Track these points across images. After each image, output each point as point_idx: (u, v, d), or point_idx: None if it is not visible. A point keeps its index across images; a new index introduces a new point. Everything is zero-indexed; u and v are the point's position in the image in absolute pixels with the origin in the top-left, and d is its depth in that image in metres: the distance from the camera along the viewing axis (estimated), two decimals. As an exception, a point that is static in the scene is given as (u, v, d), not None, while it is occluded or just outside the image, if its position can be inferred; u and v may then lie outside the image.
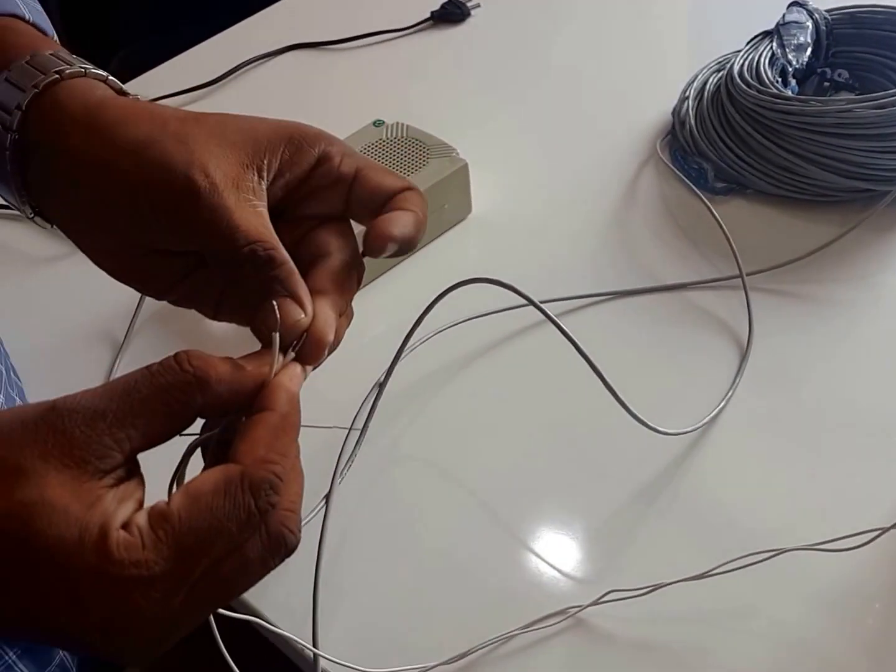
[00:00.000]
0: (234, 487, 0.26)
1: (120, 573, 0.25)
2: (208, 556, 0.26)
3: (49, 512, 0.25)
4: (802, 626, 0.43)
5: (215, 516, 0.26)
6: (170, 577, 0.26)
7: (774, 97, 0.63)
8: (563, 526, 0.49)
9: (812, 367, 0.54)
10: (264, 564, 0.27)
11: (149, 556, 0.25)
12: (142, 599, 0.25)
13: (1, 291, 0.65)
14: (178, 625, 0.27)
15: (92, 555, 0.25)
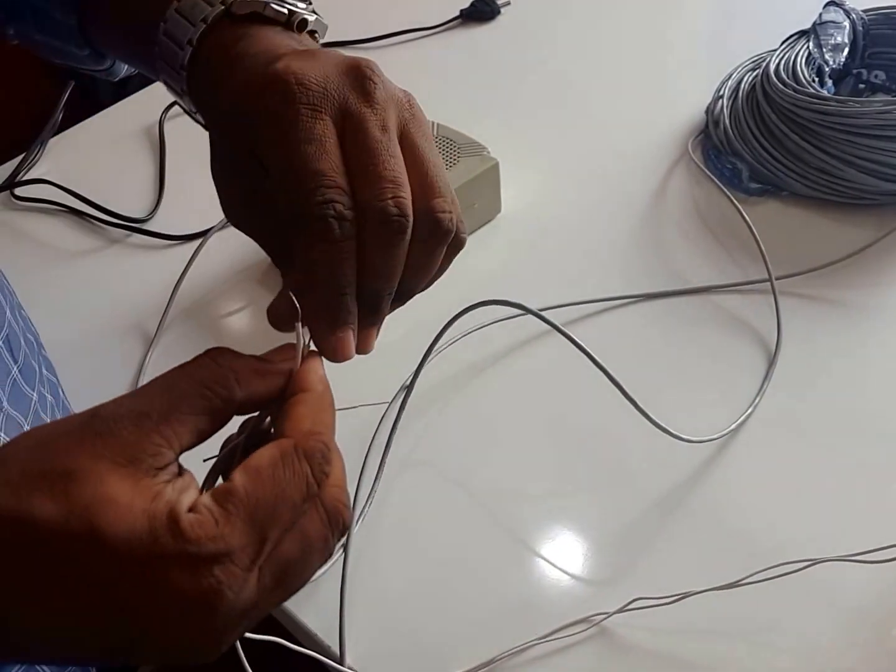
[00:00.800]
0: (291, 458, 0.27)
1: (199, 551, 0.25)
2: (277, 527, 0.26)
3: (113, 508, 0.25)
4: (832, 639, 0.42)
5: (279, 486, 0.26)
6: (248, 550, 0.25)
7: (812, 97, 0.62)
8: (586, 533, 0.48)
9: (843, 375, 0.53)
10: (325, 541, 0.27)
11: (224, 531, 0.25)
12: (223, 575, 0.25)
13: (37, 285, 0.65)
14: (254, 609, 0.26)
15: (167, 539, 0.25)
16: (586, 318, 0.58)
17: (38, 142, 0.76)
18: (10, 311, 0.45)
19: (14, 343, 0.44)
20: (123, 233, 0.69)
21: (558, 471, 0.51)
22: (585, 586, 0.46)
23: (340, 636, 0.44)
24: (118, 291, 0.64)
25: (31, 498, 0.24)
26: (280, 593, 0.27)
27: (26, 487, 0.25)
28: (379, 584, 0.47)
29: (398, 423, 0.51)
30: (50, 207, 0.72)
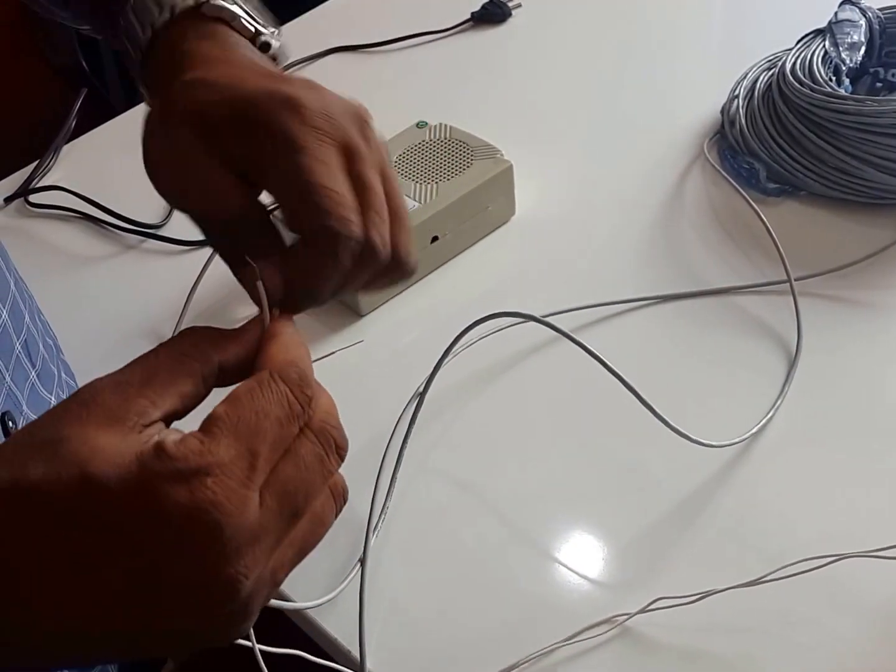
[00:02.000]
0: (267, 381, 0.27)
1: (187, 466, 0.25)
2: (264, 441, 0.26)
3: (101, 455, 0.25)
4: (858, 636, 0.42)
5: (259, 405, 0.27)
6: (238, 463, 0.25)
7: (829, 96, 0.61)
8: (606, 536, 0.48)
9: (864, 376, 0.53)
10: (321, 461, 0.27)
11: (209, 447, 0.25)
12: (217, 487, 0.25)
13: (52, 291, 0.65)
14: (267, 534, 0.26)
15: (154, 463, 0.25)
16: (602, 320, 0.58)
17: (52, 149, 0.76)
18: (28, 316, 0.46)
19: (32, 348, 0.45)
20: (138, 238, 0.69)
21: (577, 476, 0.50)
22: (606, 587, 0.45)
23: (360, 643, 0.44)
24: (133, 297, 0.64)
25: (24, 466, 0.25)
26: (294, 519, 0.27)
27: (19, 458, 0.25)
28: (398, 591, 0.46)
29: (412, 429, 0.50)
30: (64, 214, 0.72)
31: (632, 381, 0.46)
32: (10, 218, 0.72)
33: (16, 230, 0.71)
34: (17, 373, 0.42)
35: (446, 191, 0.62)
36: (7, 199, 0.73)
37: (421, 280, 0.62)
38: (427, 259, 0.62)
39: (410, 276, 0.35)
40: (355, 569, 0.46)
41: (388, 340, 0.59)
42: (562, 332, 0.47)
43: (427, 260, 0.62)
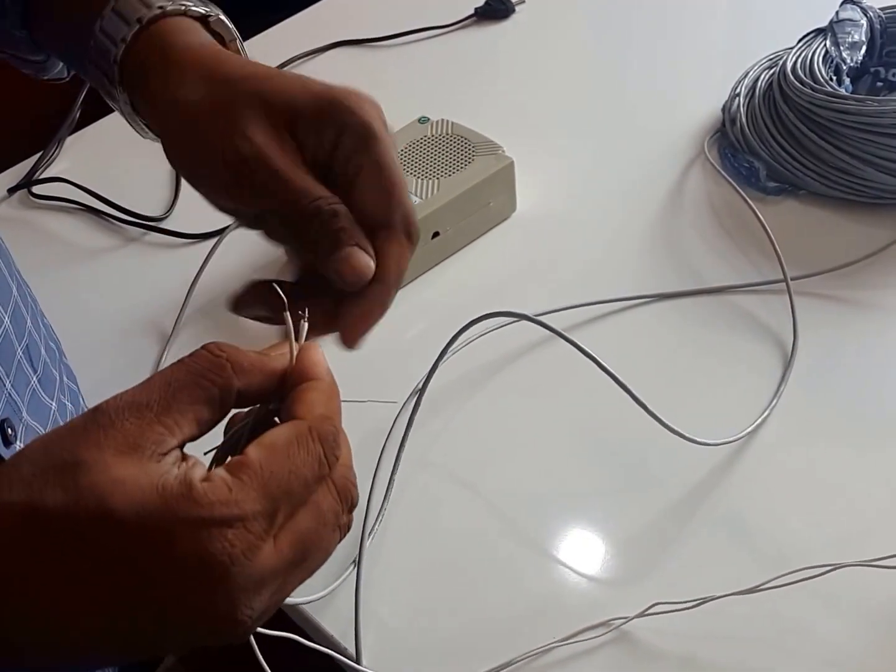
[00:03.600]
0: (306, 438, 0.27)
1: (211, 515, 0.25)
2: (290, 501, 0.26)
3: (121, 487, 0.25)
4: (857, 645, 0.42)
5: (293, 462, 0.27)
6: (261, 519, 0.26)
7: (829, 96, 0.61)
8: (603, 536, 0.48)
9: (860, 375, 0.53)
10: (336, 515, 0.28)
11: (238, 496, 0.25)
12: (237, 540, 0.25)
13: (54, 282, 0.66)
14: (275, 580, 0.26)
15: (179, 506, 0.25)
16: (601, 318, 0.58)
17: (56, 140, 0.76)
18: (30, 320, 0.45)
19: (34, 352, 0.45)
20: (140, 231, 0.69)
21: (575, 475, 0.50)
22: (604, 589, 0.46)
23: (356, 637, 0.44)
24: (135, 290, 0.65)
25: (42, 490, 0.25)
26: (301, 568, 0.27)
27: (37, 482, 0.25)
28: (394, 586, 0.47)
29: (411, 426, 0.50)
30: (67, 206, 0.72)
31: (628, 379, 0.46)
32: (13, 209, 0.73)
33: (19, 221, 0.72)
34: (17, 379, 0.42)
35: (448, 187, 0.62)
36: (10, 189, 0.73)
37: (422, 276, 0.62)
38: (428, 255, 0.62)
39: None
40: (352, 564, 0.47)
41: (389, 336, 0.59)
42: (556, 331, 0.47)
43: (428, 256, 0.62)
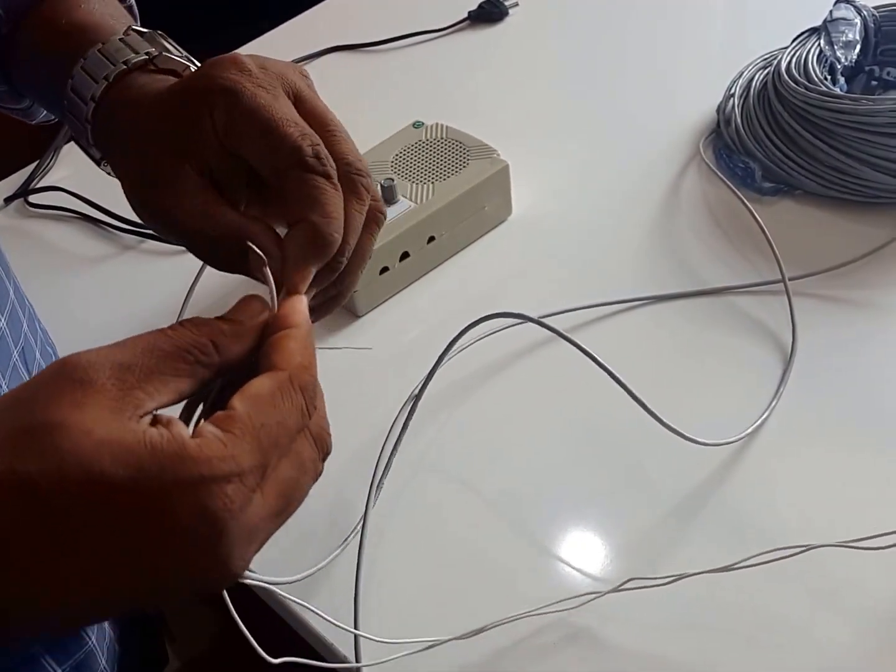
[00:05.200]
0: (288, 388, 0.28)
1: (211, 472, 0.24)
2: (278, 451, 0.27)
3: (108, 448, 0.24)
4: (825, 625, 0.42)
5: (280, 412, 0.27)
6: (255, 471, 0.26)
7: (824, 95, 0.61)
8: (586, 519, 0.48)
9: (860, 375, 0.53)
10: (315, 464, 0.29)
11: (234, 451, 0.25)
12: (235, 495, 0.25)
13: (51, 291, 0.66)
14: (261, 530, 0.26)
15: (176, 465, 0.24)
16: (599, 320, 0.58)
17: (52, 149, 0.76)
18: (26, 324, 0.46)
19: (29, 356, 0.45)
20: (136, 239, 0.69)
21: (573, 474, 0.50)
22: (584, 567, 0.46)
23: (356, 640, 0.44)
24: (132, 297, 0.65)
25: (20, 458, 0.23)
26: (282, 515, 0.28)
27: (11, 448, 0.24)
28: (395, 575, 0.47)
29: (407, 427, 0.50)
30: (63, 214, 0.72)
31: (627, 380, 0.46)
32: (9, 218, 0.73)
33: (15, 230, 0.72)
34: (13, 382, 0.42)
35: (443, 191, 0.62)
36: (7, 199, 0.74)
37: (418, 280, 0.62)
38: (424, 259, 0.62)
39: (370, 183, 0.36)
40: (351, 561, 0.47)
41: (386, 341, 0.59)
42: (557, 331, 0.47)
43: (424, 260, 0.62)
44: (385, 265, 0.60)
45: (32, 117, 0.49)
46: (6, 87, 0.45)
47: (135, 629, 0.50)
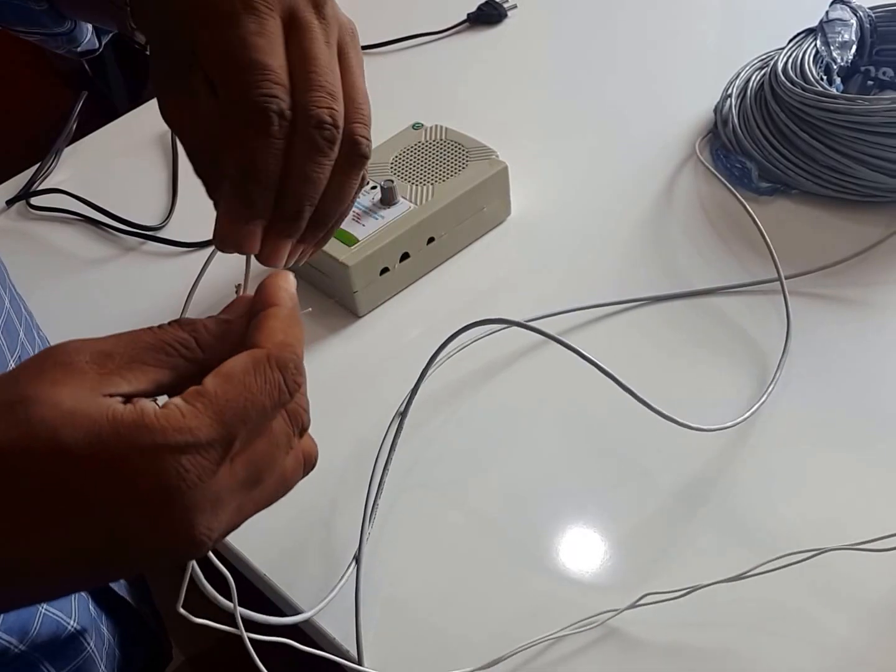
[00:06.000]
0: (264, 366, 0.27)
1: (165, 440, 0.24)
2: (245, 428, 0.26)
3: (72, 419, 0.24)
4: (844, 628, 0.43)
5: (250, 391, 0.27)
6: (216, 445, 0.25)
7: (820, 95, 0.62)
8: (594, 529, 0.48)
9: (854, 373, 0.53)
10: (288, 439, 0.28)
11: (191, 423, 0.25)
12: (191, 466, 0.25)
13: (52, 293, 0.66)
14: (231, 499, 0.26)
15: (131, 432, 0.24)
16: (594, 321, 0.58)
17: (53, 151, 0.77)
18: (23, 333, 0.45)
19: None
20: (138, 241, 0.70)
21: (568, 471, 0.51)
22: (596, 583, 0.46)
23: (358, 642, 0.44)
24: (133, 299, 0.65)
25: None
26: (259, 490, 0.27)
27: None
28: (392, 592, 0.47)
29: (401, 431, 0.51)
30: (65, 216, 0.72)
31: (624, 380, 0.46)
32: (11, 221, 0.73)
33: (17, 233, 0.72)
34: None
35: (442, 192, 0.62)
36: (9, 201, 0.74)
37: (418, 281, 0.63)
38: (424, 260, 0.63)
39: (365, 161, 0.33)
40: (350, 567, 0.47)
41: (387, 341, 0.60)
42: (549, 335, 0.47)
43: (424, 261, 0.63)
44: (385, 266, 0.60)
45: (76, 42, 0.47)
46: (45, 6, 0.43)
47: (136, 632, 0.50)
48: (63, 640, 0.41)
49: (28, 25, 0.45)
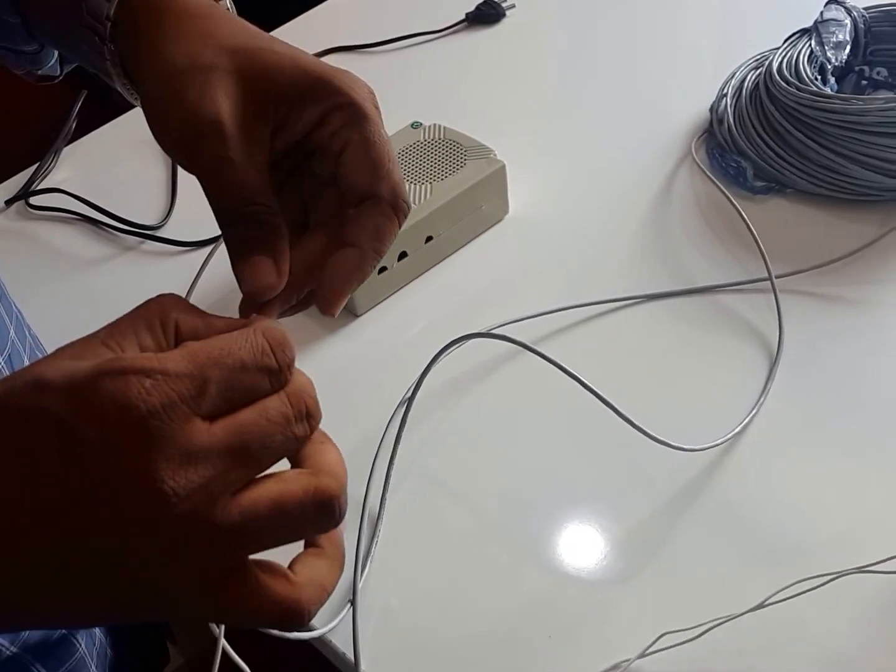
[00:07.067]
0: (248, 331, 0.27)
1: (132, 364, 0.24)
2: (219, 373, 0.25)
3: (56, 363, 0.25)
4: (865, 652, 0.42)
5: (227, 342, 0.26)
6: (183, 378, 0.25)
7: (814, 95, 0.62)
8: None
9: (847, 372, 0.53)
10: (285, 418, 0.26)
11: (161, 356, 0.25)
12: (155, 391, 0.24)
13: (51, 292, 0.67)
14: (207, 460, 0.24)
15: (104, 364, 0.25)
16: (589, 320, 0.59)
17: (52, 151, 0.77)
18: (14, 331, 0.45)
19: (17, 363, 0.44)
20: (137, 240, 0.70)
21: (565, 483, 0.50)
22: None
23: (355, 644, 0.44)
24: (132, 298, 0.64)
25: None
26: (246, 464, 0.25)
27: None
28: (389, 601, 0.46)
29: (402, 434, 0.51)
30: (64, 216, 0.73)
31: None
32: (10, 220, 0.73)
33: (16, 232, 0.72)
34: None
35: (440, 191, 0.63)
36: (8, 201, 0.74)
37: (416, 279, 0.63)
38: (422, 258, 0.63)
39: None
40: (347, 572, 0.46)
41: (385, 339, 0.60)
42: (538, 352, 0.47)
43: (422, 259, 0.63)
44: (383, 265, 0.61)
45: (39, 65, 0.46)
46: (19, 20, 0.42)
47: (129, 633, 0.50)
48: (54, 641, 0.41)
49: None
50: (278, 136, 0.34)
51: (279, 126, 0.34)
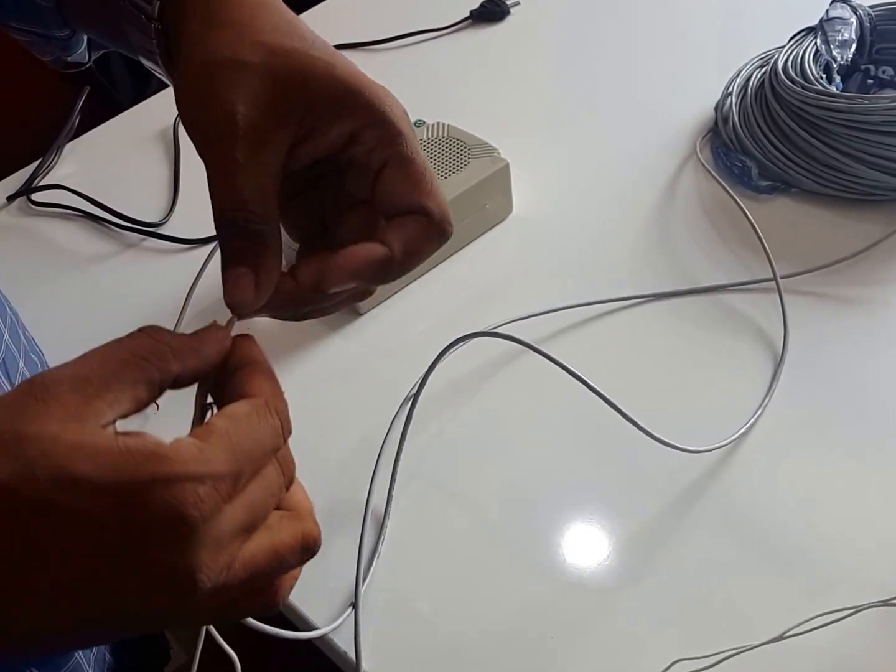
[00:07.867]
0: (265, 411, 0.28)
1: (186, 470, 0.24)
2: (251, 467, 0.27)
3: (78, 451, 0.24)
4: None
5: (256, 431, 0.27)
6: (227, 481, 0.25)
7: (820, 94, 0.62)
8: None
9: (852, 373, 0.53)
10: (280, 489, 0.29)
11: (209, 456, 0.25)
12: (208, 498, 0.25)
13: (53, 289, 0.66)
14: (227, 548, 0.26)
15: (149, 461, 0.24)
16: (593, 319, 0.58)
17: (54, 147, 0.77)
18: (8, 334, 0.45)
19: (11, 366, 0.44)
20: (138, 237, 0.70)
21: (568, 487, 0.50)
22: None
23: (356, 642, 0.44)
24: (133, 295, 0.65)
25: None
26: (248, 534, 0.27)
27: None
28: (391, 601, 0.46)
29: (406, 434, 0.50)
30: (66, 212, 0.73)
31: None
32: (12, 216, 0.73)
33: (18, 228, 0.72)
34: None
35: (444, 189, 0.61)
36: (10, 197, 0.74)
37: (420, 277, 0.63)
38: (425, 256, 0.63)
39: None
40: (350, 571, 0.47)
41: (388, 337, 0.60)
42: (542, 352, 0.47)
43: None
44: (386, 263, 0.60)
45: (69, 51, 0.45)
46: (52, 3, 0.42)
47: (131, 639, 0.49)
48: None
49: (26, 21, 0.44)
50: (304, 146, 0.33)
51: (306, 135, 0.33)
